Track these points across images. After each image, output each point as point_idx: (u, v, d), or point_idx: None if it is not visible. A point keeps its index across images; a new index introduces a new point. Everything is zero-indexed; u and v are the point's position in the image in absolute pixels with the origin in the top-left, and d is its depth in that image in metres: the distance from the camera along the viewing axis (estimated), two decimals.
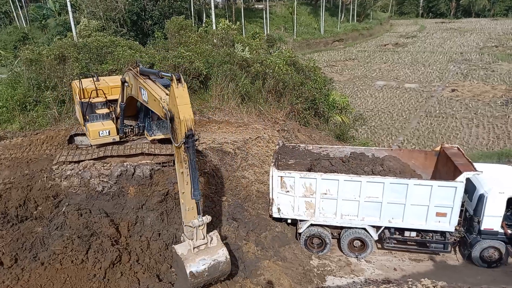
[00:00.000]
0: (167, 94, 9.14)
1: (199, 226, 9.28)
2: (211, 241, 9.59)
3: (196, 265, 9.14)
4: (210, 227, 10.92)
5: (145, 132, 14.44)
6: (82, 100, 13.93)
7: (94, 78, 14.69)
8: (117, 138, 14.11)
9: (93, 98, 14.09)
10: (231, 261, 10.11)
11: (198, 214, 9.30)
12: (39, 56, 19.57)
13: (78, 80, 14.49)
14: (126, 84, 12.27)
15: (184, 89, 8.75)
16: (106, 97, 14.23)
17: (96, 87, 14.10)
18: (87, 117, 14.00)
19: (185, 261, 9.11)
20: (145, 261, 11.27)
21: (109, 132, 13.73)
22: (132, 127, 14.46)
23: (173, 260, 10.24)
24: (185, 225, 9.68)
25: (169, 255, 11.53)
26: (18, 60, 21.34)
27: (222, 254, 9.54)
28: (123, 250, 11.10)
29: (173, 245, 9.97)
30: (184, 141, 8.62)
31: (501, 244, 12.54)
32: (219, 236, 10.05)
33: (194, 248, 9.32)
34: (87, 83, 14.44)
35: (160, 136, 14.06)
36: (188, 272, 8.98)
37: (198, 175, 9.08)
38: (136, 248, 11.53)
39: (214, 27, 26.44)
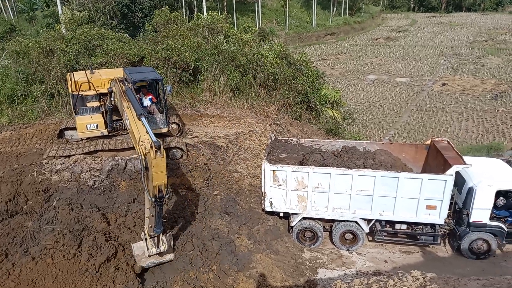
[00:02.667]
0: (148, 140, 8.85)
1: (154, 254, 10.57)
2: (164, 247, 10.64)
3: (146, 263, 10.76)
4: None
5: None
6: (73, 92, 13.77)
7: (88, 71, 14.52)
8: (105, 132, 14.01)
9: (85, 91, 13.91)
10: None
11: (157, 246, 10.47)
12: (26, 49, 19.22)
13: (77, 72, 14.42)
14: (112, 96, 12.31)
15: (162, 159, 8.68)
16: (97, 91, 14.05)
17: (88, 80, 13.90)
18: (77, 109, 13.86)
19: (137, 261, 10.71)
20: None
21: (97, 125, 13.65)
22: (121, 121, 14.31)
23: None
24: (146, 232, 10.57)
25: None
26: (6, 53, 20.94)
27: (169, 258, 11.05)
28: (118, 246, 11.04)
29: (132, 244, 11.04)
30: (153, 199, 9.05)
31: (489, 236, 12.75)
32: (172, 241, 11.41)
33: (148, 255, 10.60)
34: (80, 75, 14.25)
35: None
36: (138, 267, 10.68)
37: (162, 221, 10.03)
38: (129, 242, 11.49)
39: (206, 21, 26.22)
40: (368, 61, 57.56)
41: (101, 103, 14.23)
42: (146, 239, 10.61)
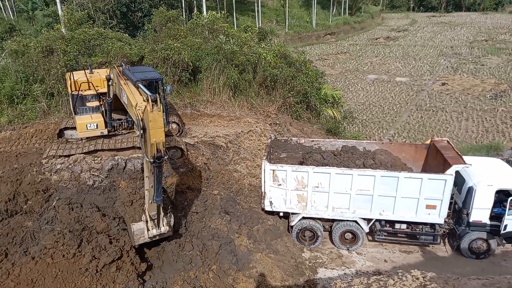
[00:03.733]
0: (145, 100, 8.79)
1: (156, 235, 10.60)
2: (165, 228, 10.66)
3: (144, 241, 10.82)
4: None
5: (134, 126, 14.31)
6: (73, 92, 13.78)
7: (88, 71, 14.52)
8: (105, 132, 14.01)
9: (84, 90, 13.92)
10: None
11: (158, 226, 10.50)
12: (26, 48, 19.20)
13: (77, 72, 14.44)
14: (110, 83, 12.30)
15: (159, 113, 8.54)
16: (96, 90, 14.05)
17: (88, 80, 13.92)
18: (77, 109, 13.86)
19: (136, 240, 10.68)
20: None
21: (97, 125, 13.65)
22: (121, 121, 14.33)
23: (128, 225, 11.38)
24: (146, 210, 10.50)
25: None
26: (5, 52, 20.91)
27: (167, 235, 11.13)
28: (122, 248, 11.03)
29: (131, 224, 10.81)
30: (152, 161, 8.86)
31: (489, 236, 12.75)
32: (172, 220, 11.15)
33: (148, 237, 10.62)
34: (80, 75, 14.27)
35: None
36: (135, 245, 10.85)
37: (162, 187, 9.78)
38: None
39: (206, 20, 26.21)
40: (368, 61, 57.54)
41: (101, 103, 14.24)
42: (146, 221, 10.47)
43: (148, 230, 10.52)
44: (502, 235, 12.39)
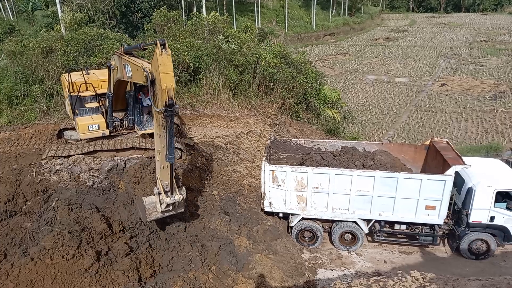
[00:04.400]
0: (149, 63, 9.04)
1: (171, 203, 10.41)
2: (178, 196, 10.54)
3: (156, 217, 10.72)
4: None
5: (135, 126, 14.30)
6: (72, 94, 13.74)
7: (84, 72, 14.47)
8: (106, 133, 13.96)
9: (83, 91, 13.90)
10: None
11: (171, 194, 10.29)
12: (24, 49, 19.19)
13: (67, 73, 14.28)
14: (112, 68, 12.12)
15: (168, 57, 8.54)
16: (95, 91, 14.04)
17: (85, 81, 13.90)
18: (76, 111, 13.82)
19: (148, 215, 10.53)
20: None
21: (98, 126, 13.60)
22: (121, 120, 14.30)
23: (138, 200, 11.18)
24: (158, 180, 10.32)
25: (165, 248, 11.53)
26: (4, 53, 20.90)
27: (180, 210, 11.02)
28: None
29: (143, 197, 10.70)
30: (163, 109, 8.76)
31: (488, 237, 12.75)
32: (185, 194, 10.96)
33: (161, 211, 10.53)
34: (77, 76, 14.24)
35: (150, 130, 13.79)
36: (147, 220, 10.76)
37: (174, 141, 9.60)
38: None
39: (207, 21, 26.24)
40: (367, 62, 57.57)
41: (100, 104, 14.21)
42: (159, 194, 10.28)
43: (160, 204, 10.23)
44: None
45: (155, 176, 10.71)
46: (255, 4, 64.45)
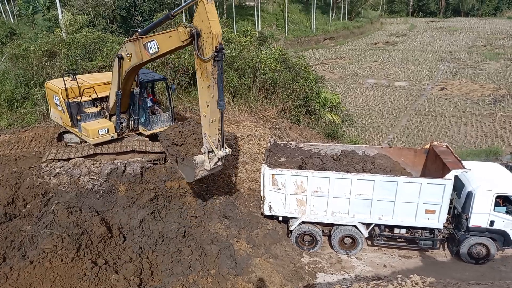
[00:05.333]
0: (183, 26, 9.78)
1: (222, 157, 10.80)
2: (228, 150, 11.00)
3: (203, 175, 11.08)
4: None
5: (141, 127, 14.27)
6: (70, 100, 13.55)
7: (70, 78, 14.12)
8: (115, 136, 13.97)
9: (78, 97, 13.78)
10: None
11: (222, 147, 10.75)
12: (26, 52, 19.25)
13: (59, 79, 14.13)
14: (122, 59, 12.08)
15: (213, 5, 9.32)
16: (95, 95, 14.05)
17: (79, 86, 13.68)
18: (79, 117, 13.65)
19: (196, 174, 10.83)
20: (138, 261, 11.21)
21: (108, 130, 13.59)
22: (126, 121, 14.26)
23: (186, 160, 11.25)
24: (207, 137, 10.59)
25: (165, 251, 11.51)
26: (5, 56, 20.96)
27: (220, 168, 11.32)
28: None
29: (193, 156, 10.88)
30: (215, 54, 9.34)
31: (488, 241, 12.74)
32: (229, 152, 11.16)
33: (210, 168, 10.83)
34: (59, 81, 13.92)
35: (158, 129, 13.99)
36: (195, 179, 11.11)
37: (223, 87, 10.09)
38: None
39: None
40: (367, 66, 57.70)
41: (101, 108, 14.18)
42: (208, 152, 10.69)
43: (209, 161, 10.65)
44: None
45: (199, 137, 11.18)
46: (255, 8, 64.70)
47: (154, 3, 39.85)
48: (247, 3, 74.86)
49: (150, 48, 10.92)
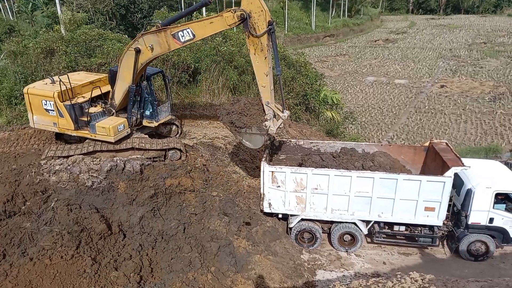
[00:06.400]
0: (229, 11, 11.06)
1: (285, 118, 12.13)
2: (288, 112, 12.52)
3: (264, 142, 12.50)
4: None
5: (147, 120, 14.36)
6: (73, 102, 13.41)
7: (49, 80, 13.95)
8: (129, 131, 14.04)
9: (77, 98, 13.69)
10: None
11: (284, 108, 12.11)
12: (25, 49, 19.20)
13: (39, 83, 13.92)
14: (139, 52, 12.29)
15: None
16: (101, 94, 14.03)
17: (71, 87, 13.47)
18: (86, 118, 13.52)
19: (266, 138, 12.37)
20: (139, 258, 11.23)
21: (124, 125, 13.64)
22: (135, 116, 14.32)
23: (256, 127, 12.34)
24: (268, 105, 12.00)
25: (164, 250, 11.52)
26: (4, 53, 20.91)
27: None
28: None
29: (264, 122, 12.10)
30: (268, 28, 10.85)
31: (488, 238, 12.77)
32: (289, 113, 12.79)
33: (275, 129, 12.23)
34: (42, 85, 13.76)
35: (164, 119, 14.79)
36: (262, 145, 12.59)
37: (278, 55, 11.75)
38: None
39: None
40: (367, 63, 57.64)
41: (103, 108, 14.09)
42: (274, 116, 11.97)
43: (274, 126, 11.93)
44: None
45: (258, 108, 12.42)
46: None
47: (154, 0, 39.75)
48: None
49: (182, 36, 11.78)
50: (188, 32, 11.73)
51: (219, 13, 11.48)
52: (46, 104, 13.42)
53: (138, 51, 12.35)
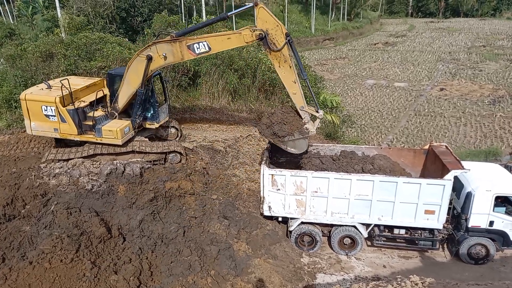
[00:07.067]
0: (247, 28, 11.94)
1: (322, 117, 12.87)
2: (322, 111, 13.23)
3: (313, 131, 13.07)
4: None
5: (148, 122, 14.40)
6: (77, 106, 13.34)
7: (45, 86, 13.82)
8: (133, 133, 14.07)
9: (79, 103, 13.67)
10: None
11: (317, 108, 12.83)
12: (24, 53, 19.22)
13: (35, 88, 13.84)
14: (150, 60, 12.56)
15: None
16: (96, 98, 14.02)
17: (70, 91, 13.36)
18: (90, 122, 13.48)
19: (310, 133, 12.86)
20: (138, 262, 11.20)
21: (129, 128, 13.67)
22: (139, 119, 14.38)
23: (298, 132, 12.86)
24: (303, 110, 12.63)
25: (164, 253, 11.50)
26: (3, 57, 20.94)
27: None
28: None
29: (305, 126, 12.73)
30: (287, 39, 11.62)
31: (488, 241, 12.75)
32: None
33: (314, 129, 12.93)
34: (39, 91, 13.68)
35: (163, 120, 14.94)
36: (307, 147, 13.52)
37: (300, 61, 12.52)
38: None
39: None
40: (366, 66, 57.72)
41: (105, 111, 14.09)
42: (309, 122, 12.57)
43: (314, 126, 12.63)
44: None
45: (293, 115, 12.91)
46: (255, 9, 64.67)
47: (154, 3, 39.83)
48: (246, 3, 74.85)
49: (198, 48, 12.26)
50: (204, 44, 12.20)
51: (237, 29, 12.16)
52: (46, 110, 13.15)
53: (149, 59, 12.61)
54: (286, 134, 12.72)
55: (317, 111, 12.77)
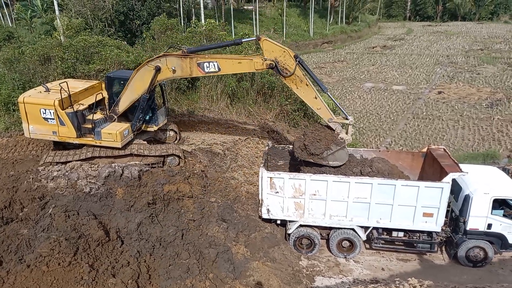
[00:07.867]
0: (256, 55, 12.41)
1: (352, 122, 12.92)
2: (352, 118, 13.17)
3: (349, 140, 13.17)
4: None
5: (147, 125, 14.51)
6: (76, 109, 13.37)
7: (43, 88, 13.84)
8: (132, 136, 14.11)
9: (78, 106, 13.67)
10: None
11: (346, 115, 12.94)
12: (21, 56, 19.22)
13: (33, 91, 13.84)
14: (159, 71, 12.72)
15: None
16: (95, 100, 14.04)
17: (69, 94, 13.42)
18: (89, 125, 13.49)
19: (346, 141, 12.91)
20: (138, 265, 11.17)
21: (128, 131, 13.69)
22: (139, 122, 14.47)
23: (334, 144, 12.84)
24: (332, 121, 12.79)
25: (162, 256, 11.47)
26: (0, 60, 20.93)
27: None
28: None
29: (339, 136, 12.83)
30: (297, 61, 11.96)
31: (486, 244, 12.76)
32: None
33: (349, 136, 13.01)
34: (38, 94, 13.69)
35: (162, 123, 15.05)
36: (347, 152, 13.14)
37: (315, 75, 12.60)
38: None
39: (204, 28, 26.39)
40: (364, 69, 57.86)
41: (104, 114, 14.09)
42: (341, 128, 12.78)
43: (346, 133, 12.79)
44: None
45: (323, 130, 13.10)
46: (254, 12, 64.92)
47: (152, 7, 39.88)
48: (245, 7, 75.15)
49: (207, 67, 12.47)
50: (214, 64, 12.41)
51: (248, 55, 12.53)
52: (45, 113, 13.15)
53: (158, 69, 12.76)
54: (324, 150, 12.64)
55: (346, 118, 12.85)
